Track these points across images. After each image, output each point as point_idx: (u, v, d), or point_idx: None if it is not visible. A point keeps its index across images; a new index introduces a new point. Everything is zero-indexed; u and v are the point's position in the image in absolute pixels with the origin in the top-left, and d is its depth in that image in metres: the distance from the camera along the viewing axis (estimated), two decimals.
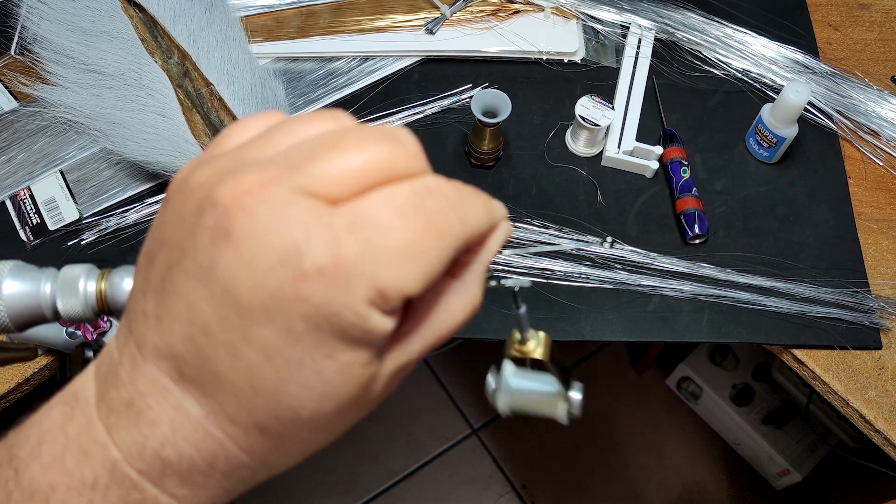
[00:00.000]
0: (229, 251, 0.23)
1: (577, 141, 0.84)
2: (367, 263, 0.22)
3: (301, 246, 0.22)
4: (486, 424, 1.57)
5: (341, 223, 0.22)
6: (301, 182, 0.23)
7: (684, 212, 0.79)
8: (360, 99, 0.86)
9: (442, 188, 0.24)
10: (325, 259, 0.22)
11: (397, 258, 0.23)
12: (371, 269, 0.22)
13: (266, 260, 0.22)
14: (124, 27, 0.79)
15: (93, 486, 0.25)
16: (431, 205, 0.24)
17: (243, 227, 0.22)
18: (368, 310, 0.23)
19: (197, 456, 0.25)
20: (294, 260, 0.22)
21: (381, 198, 0.23)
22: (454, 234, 0.24)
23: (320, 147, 0.24)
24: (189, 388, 0.25)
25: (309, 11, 0.91)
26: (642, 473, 1.53)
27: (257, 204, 0.22)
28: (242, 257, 0.22)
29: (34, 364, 0.73)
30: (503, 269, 0.77)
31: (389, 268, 0.23)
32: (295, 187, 0.23)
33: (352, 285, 0.22)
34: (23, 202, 0.80)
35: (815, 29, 0.94)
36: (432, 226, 0.23)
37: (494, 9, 0.91)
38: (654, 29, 0.91)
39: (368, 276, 0.22)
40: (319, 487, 1.50)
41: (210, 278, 0.23)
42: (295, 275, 0.22)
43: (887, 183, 0.84)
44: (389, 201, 0.23)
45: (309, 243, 0.22)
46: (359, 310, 0.23)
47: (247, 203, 0.22)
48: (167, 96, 0.76)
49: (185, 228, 0.24)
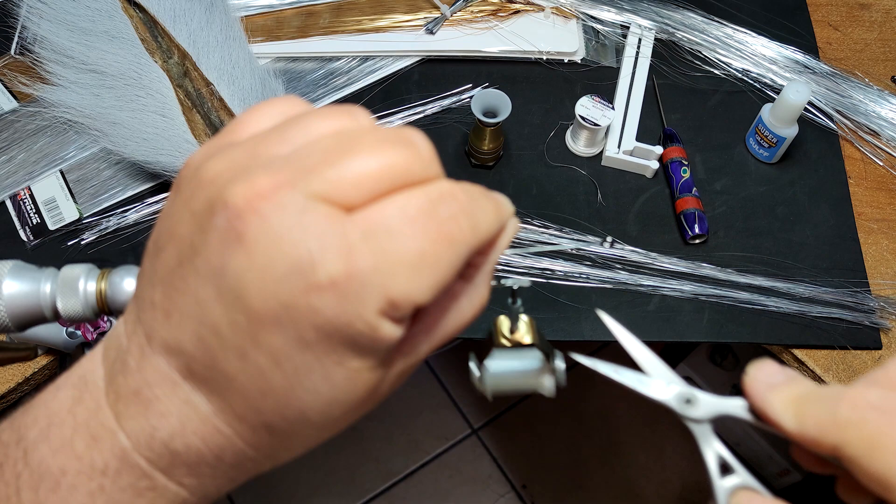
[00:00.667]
0: (241, 256, 0.22)
1: (577, 141, 0.84)
2: (380, 274, 0.22)
3: (314, 256, 0.22)
4: (486, 424, 1.57)
5: (355, 232, 0.22)
6: (316, 187, 0.22)
7: (684, 212, 0.79)
8: (360, 99, 0.86)
9: (455, 194, 0.24)
10: (339, 270, 0.22)
11: (409, 268, 0.22)
12: (383, 280, 0.22)
13: (278, 268, 0.22)
14: (124, 27, 0.79)
15: (103, 472, 0.25)
16: (444, 212, 0.23)
17: (256, 233, 0.22)
18: (379, 320, 0.23)
19: (205, 449, 0.25)
20: (307, 270, 0.22)
21: (396, 206, 0.23)
22: (466, 242, 0.24)
23: (336, 149, 0.23)
24: (198, 386, 0.25)
25: (309, 11, 0.91)
26: (642, 473, 1.53)
27: (271, 209, 0.22)
28: (254, 263, 0.22)
29: (34, 364, 0.73)
30: (503, 269, 0.77)
31: (401, 278, 0.22)
32: (310, 192, 0.22)
33: (364, 297, 0.22)
34: (23, 202, 0.80)
35: (815, 29, 0.94)
36: (445, 234, 0.23)
37: (494, 9, 0.91)
38: (654, 29, 0.91)
39: (381, 288, 0.22)
40: (320, 488, 1.50)
41: (221, 281, 0.23)
42: (307, 286, 0.22)
43: (887, 183, 0.84)
44: (403, 209, 0.23)
45: (322, 253, 0.22)
46: (370, 320, 0.23)
47: (260, 207, 0.22)
48: (167, 96, 0.76)
49: (196, 224, 0.24)
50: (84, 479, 0.25)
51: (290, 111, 0.27)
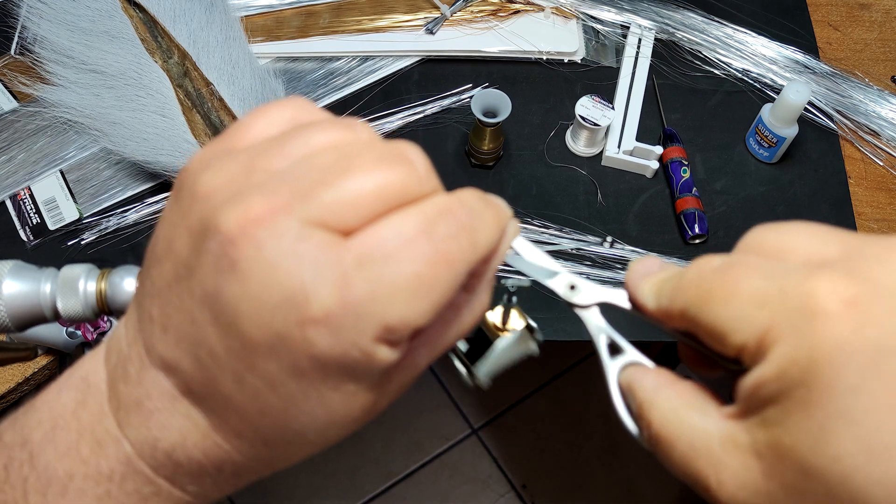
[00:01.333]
0: (234, 283, 0.22)
1: (577, 141, 0.84)
2: (376, 302, 0.22)
3: (308, 287, 0.21)
4: (486, 424, 1.57)
5: (351, 259, 0.22)
6: (311, 213, 0.22)
7: (684, 212, 0.79)
8: (360, 99, 0.86)
9: (453, 210, 0.23)
10: (333, 302, 0.21)
11: (407, 293, 0.22)
12: (380, 307, 0.22)
13: (272, 298, 0.22)
14: (124, 27, 0.79)
15: (109, 477, 0.25)
16: (442, 230, 0.23)
17: (250, 261, 0.22)
18: (376, 346, 0.22)
19: (206, 461, 0.26)
20: (301, 302, 0.22)
21: (392, 229, 0.22)
22: (465, 260, 0.23)
23: (333, 168, 0.23)
24: (196, 402, 0.25)
25: (309, 11, 0.91)
26: (642, 473, 1.53)
27: (265, 236, 0.22)
28: (248, 292, 0.22)
29: (34, 364, 0.73)
30: (503, 269, 0.77)
31: (398, 304, 0.22)
32: (305, 219, 0.22)
33: (360, 326, 0.22)
34: (23, 202, 0.80)
35: (815, 29, 0.94)
36: (443, 255, 0.23)
37: (494, 9, 0.91)
38: (654, 29, 0.91)
39: (377, 316, 0.22)
40: (319, 489, 1.50)
41: (215, 306, 0.23)
42: (301, 318, 0.22)
43: (887, 183, 0.84)
44: (400, 231, 0.22)
45: (316, 284, 0.21)
46: (366, 349, 0.22)
47: (254, 234, 0.22)
48: (167, 96, 0.76)
49: (191, 242, 0.23)
50: (91, 484, 0.25)
51: (298, 116, 0.26)
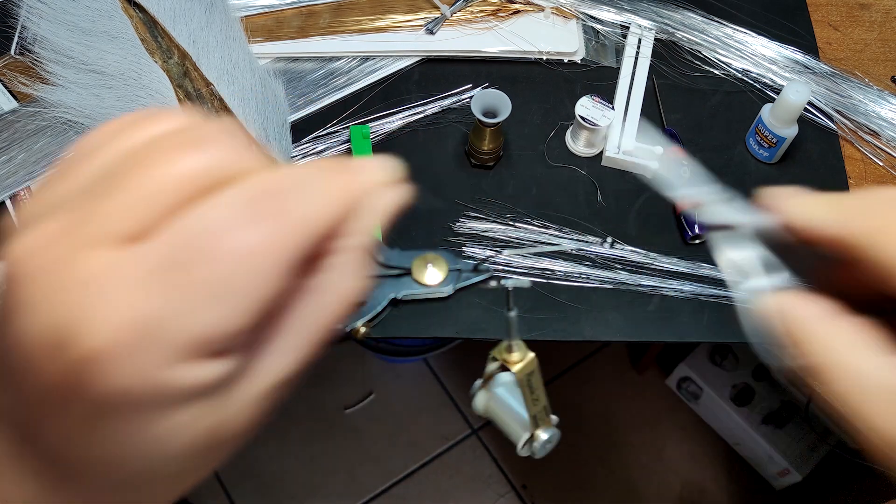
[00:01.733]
0: (10, 331, 0.19)
1: (577, 141, 0.84)
2: (176, 317, 0.18)
3: (75, 322, 0.18)
4: (486, 424, 1.57)
5: (141, 270, 0.18)
6: (92, 229, 0.19)
7: (684, 212, 0.79)
8: (360, 99, 0.86)
9: (268, 188, 0.20)
10: (108, 331, 0.18)
11: (215, 298, 0.19)
12: (182, 320, 0.18)
13: (40, 345, 0.18)
14: (124, 27, 0.79)
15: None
16: (254, 215, 0.19)
17: (22, 302, 0.19)
18: (181, 367, 0.19)
19: None
20: (67, 341, 0.18)
21: (192, 221, 0.19)
22: (286, 246, 0.20)
23: (125, 169, 0.20)
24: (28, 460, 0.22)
25: (309, 11, 0.91)
26: (642, 473, 1.53)
27: (36, 269, 0.18)
28: (20, 339, 0.19)
29: None
30: (503, 269, 0.77)
31: (205, 312, 0.18)
32: (84, 239, 0.19)
33: (154, 349, 0.18)
34: (23, 202, 0.80)
35: (815, 29, 0.94)
36: (256, 244, 0.19)
37: (494, 9, 0.91)
38: (654, 29, 0.91)
39: (179, 331, 0.18)
40: (320, 488, 1.50)
41: (6, 359, 0.20)
42: (68, 363, 0.18)
43: (887, 183, 0.84)
44: (202, 224, 0.19)
45: (87, 316, 0.18)
46: (162, 375, 0.19)
47: (27, 269, 0.18)
48: (167, 96, 0.76)
49: None
50: None
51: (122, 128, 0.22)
